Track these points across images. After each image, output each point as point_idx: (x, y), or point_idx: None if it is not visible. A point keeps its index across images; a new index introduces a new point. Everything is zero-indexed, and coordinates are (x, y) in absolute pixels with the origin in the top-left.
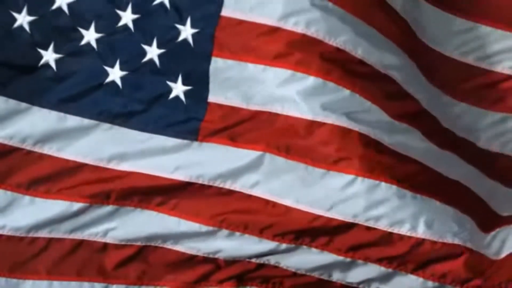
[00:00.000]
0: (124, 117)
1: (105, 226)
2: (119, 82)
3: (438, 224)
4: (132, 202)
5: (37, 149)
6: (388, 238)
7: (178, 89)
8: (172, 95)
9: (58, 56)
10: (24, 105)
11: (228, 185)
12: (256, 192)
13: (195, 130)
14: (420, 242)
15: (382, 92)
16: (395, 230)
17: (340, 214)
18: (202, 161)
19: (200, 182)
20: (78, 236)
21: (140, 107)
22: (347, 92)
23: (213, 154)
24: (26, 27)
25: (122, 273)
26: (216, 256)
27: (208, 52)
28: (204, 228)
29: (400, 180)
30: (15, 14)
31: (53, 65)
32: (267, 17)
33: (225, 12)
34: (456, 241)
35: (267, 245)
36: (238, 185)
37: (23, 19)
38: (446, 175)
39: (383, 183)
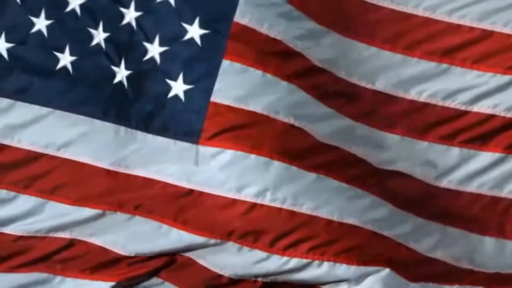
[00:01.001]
0: (132, 118)
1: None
2: (125, 82)
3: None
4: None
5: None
6: None
7: (178, 88)
8: (171, 94)
9: (73, 58)
10: (45, 109)
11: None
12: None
13: (196, 132)
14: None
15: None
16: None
17: None
18: (204, 167)
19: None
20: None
21: (142, 107)
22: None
23: (215, 160)
24: (44, 31)
25: None
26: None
27: (219, 54)
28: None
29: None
30: (34, 19)
31: (70, 68)
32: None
33: (238, 18)
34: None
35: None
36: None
37: (41, 23)
38: None
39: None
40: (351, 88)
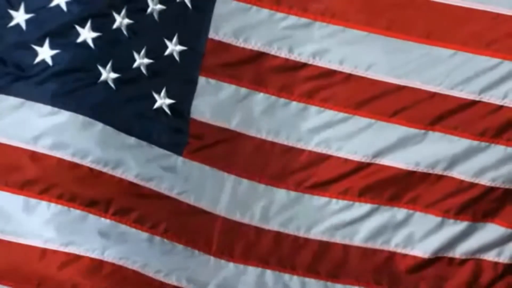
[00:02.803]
0: (114, 117)
1: None
2: (111, 83)
3: None
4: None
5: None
6: None
7: (162, 100)
8: (156, 106)
9: (54, 52)
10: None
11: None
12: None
13: (180, 144)
14: None
15: None
16: None
17: None
18: (187, 180)
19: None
20: None
21: (128, 111)
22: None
23: (197, 174)
24: (23, 25)
25: None
26: None
27: (195, 71)
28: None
29: None
30: (12, 12)
31: (49, 61)
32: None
33: (212, 34)
34: None
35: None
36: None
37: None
38: None
39: None
40: None
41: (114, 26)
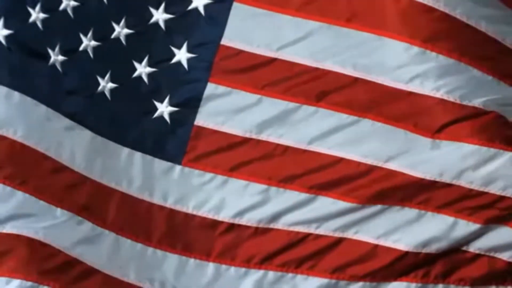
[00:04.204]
0: (109, 127)
1: None
2: (108, 94)
3: None
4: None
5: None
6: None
7: (163, 109)
8: (156, 114)
9: (62, 58)
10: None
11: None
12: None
13: (180, 153)
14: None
15: None
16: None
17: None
18: (185, 188)
19: (184, 210)
20: None
21: (125, 120)
22: None
23: (199, 181)
24: (39, 24)
25: None
26: None
27: (205, 78)
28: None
29: None
30: (30, 10)
31: (58, 66)
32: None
33: (225, 41)
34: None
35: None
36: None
37: (36, 15)
38: None
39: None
40: None
41: (112, 36)
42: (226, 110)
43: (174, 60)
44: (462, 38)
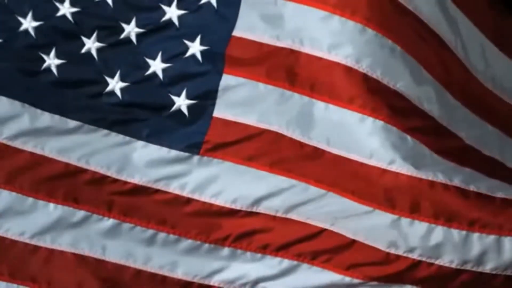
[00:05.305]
0: (123, 125)
1: None
2: (118, 93)
3: None
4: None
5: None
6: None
7: (180, 102)
8: (174, 108)
9: (59, 61)
10: (27, 106)
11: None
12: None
13: (198, 144)
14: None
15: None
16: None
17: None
18: (204, 177)
19: (202, 199)
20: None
21: (140, 116)
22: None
23: (216, 171)
24: (31, 32)
25: None
26: (211, 283)
27: (219, 69)
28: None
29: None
30: (21, 19)
31: (54, 70)
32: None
33: (237, 32)
34: (453, 265)
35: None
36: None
37: (28, 24)
38: None
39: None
40: None
41: (122, 37)
42: (242, 100)
43: (188, 54)
44: None
